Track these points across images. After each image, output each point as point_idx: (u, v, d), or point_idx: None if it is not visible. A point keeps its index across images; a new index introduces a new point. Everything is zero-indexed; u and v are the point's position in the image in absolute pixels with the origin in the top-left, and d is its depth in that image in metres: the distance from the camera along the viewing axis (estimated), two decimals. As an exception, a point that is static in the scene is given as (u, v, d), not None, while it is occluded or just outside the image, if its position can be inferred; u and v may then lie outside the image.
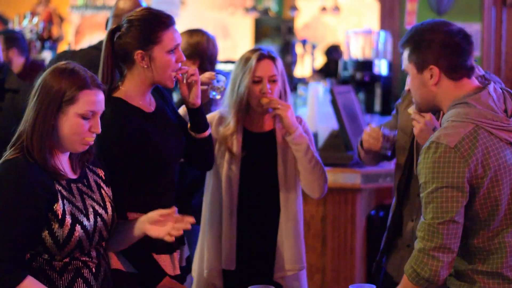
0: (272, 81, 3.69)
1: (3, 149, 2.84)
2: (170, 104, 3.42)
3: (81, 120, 2.75)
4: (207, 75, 3.58)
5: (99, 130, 2.79)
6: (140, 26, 3.15)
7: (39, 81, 2.77)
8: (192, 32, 4.68)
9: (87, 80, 2.76)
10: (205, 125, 3.42)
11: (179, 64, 3.23)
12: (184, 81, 3.30)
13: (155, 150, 3.19)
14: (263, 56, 3.69)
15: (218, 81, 3.57)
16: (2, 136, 4.02)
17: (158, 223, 2.91)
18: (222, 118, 3.79)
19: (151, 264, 3.18)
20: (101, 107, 2.79)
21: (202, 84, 3.54)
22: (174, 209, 2.93)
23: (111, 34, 3.20)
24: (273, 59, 3.70)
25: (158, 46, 3.15)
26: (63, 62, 2.80)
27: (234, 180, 3.73)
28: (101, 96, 2.79)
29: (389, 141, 3.48)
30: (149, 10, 3.24)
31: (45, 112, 2.72)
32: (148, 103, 3.26)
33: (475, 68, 3.38)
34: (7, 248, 2.64)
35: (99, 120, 2.79)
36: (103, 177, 2.96)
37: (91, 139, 2.79)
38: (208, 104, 4.02)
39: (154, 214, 2.92)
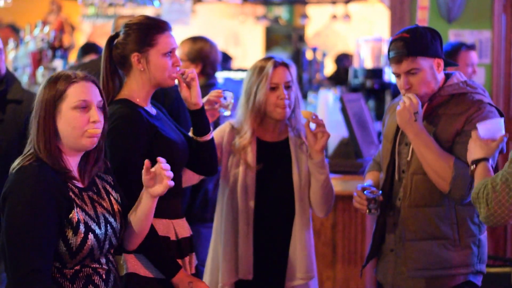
0: (288, 87, 3.74)
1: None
2: (168, 118, 3.45)
3: (76, 113, 2.77)
4: (214, 93, 3.62)
5: (98, 118, 2.80)
6: (137, 30, 3.23)
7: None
8: (195, 39, 4.92)
9: (73, 76, 2.80)
10: (208, 128, 3.43)
11: (177, 69, 3.28)
12: (184, 82, 3.33)
13: (166, 145, 3.23)
14: (278, 63, 3.75)
15: (225, 98, 3.61)
16: (3, 149, 4.01)
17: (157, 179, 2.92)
18: (234, 129, 3.81)
19: (166, 257, 3.19)
20: (93, 97, 2.81)
21: (210, 103, 3.58)
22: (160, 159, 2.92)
23: (110, 41, 3.29)
24: (287, 66, 3.77)
25: (154, 48, 3.22)
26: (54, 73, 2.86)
27: (250, 190, 3.75)
28: (91, 87, 2.82)
29: (374, 202, 3.51)
30: (146, 16, 3.34)
31: (44, 116, 2.76)
32: (150, 107, 3.31)
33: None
34: (41, 256, 2.65)
35: (96, 111, 2.80)
36: (112, 183, 2.97)
37: (93, 130, 2.80)
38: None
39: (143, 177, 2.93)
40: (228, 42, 13.22)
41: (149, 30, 3.23)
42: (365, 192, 3.52)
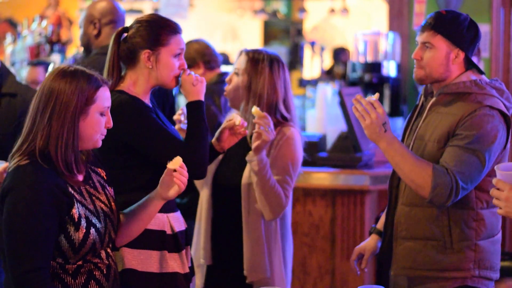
0: (234, 73, 3.79)
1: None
2: (161, 114, 3.46)
3: (100, 117, 2.80)
4: (178, 112, 3.68)
5: (112, 124, 2.84)
6: (150, 27, 3.26)
7: (44, 88, 2.75)
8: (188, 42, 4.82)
9: (98, 79, 2.79)
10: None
11: (188, 71, 3.33)
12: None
13: None
14: (240, 52, 3.82)
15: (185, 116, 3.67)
16: None
17: (169, 184, 2.89)
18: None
19: None
20: (110, 102, 2.85)
21: (178, 122, 3.64)
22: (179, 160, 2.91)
23: (118, 35, 3.30)
24: (247, 55, 3.77)
25: (166, 48, 3.25)
26: (63, 66, 2.79)
27: (210, 172, 3.74)
28: (108, 92, 2.84)
29: None
30: (157, 14, 3.38)
31: (70, 119, 2.73)
32: (147, 102, 3.32)
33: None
34: (41, 255, 2.66)
35: (109, 115, 2.85)
36: (105, 177, 2.97)
37: (104, 133, 2.84)
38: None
39: (163, 176, 2.90)
40: (226, 36, 13.21)
41: (162, 30, 3.26)
42: None
